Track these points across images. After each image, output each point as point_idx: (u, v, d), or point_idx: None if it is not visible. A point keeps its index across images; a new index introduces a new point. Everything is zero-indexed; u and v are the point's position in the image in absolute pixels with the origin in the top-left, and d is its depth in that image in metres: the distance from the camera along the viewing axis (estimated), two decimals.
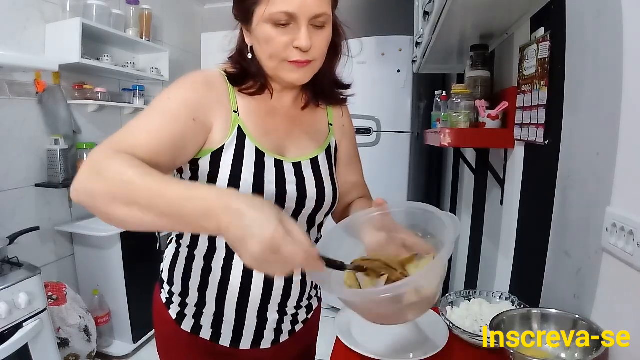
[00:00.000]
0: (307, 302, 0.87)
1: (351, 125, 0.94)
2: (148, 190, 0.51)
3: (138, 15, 2.48)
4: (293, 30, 0.67)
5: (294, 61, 0.69)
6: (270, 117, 0.79)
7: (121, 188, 0.52)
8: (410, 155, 2.57)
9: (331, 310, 2.71)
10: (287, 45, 0.68)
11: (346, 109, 0.93)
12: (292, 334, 0.85)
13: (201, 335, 0.79)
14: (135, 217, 0.52)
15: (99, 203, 0.53)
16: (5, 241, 1.61)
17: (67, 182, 2.03)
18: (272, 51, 0.69)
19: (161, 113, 0.65)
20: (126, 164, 0.54)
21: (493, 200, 1.46)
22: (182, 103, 0.67)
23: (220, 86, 0.74)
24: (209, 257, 0.76)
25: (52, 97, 2.02)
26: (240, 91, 0.76)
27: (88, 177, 0.54)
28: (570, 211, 0.85)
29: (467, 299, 0.96)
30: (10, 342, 1.39)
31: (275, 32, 0.67)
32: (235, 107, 0.74)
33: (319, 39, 0.70)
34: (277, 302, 0.79)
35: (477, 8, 1.09)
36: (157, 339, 0.88)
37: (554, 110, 0.93)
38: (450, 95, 1.41)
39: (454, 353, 0.80)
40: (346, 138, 0.91)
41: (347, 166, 0.91)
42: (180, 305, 0.80)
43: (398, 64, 2.49)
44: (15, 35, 1.87)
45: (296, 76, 0.72)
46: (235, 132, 0.73)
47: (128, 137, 0.61)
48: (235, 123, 0.73)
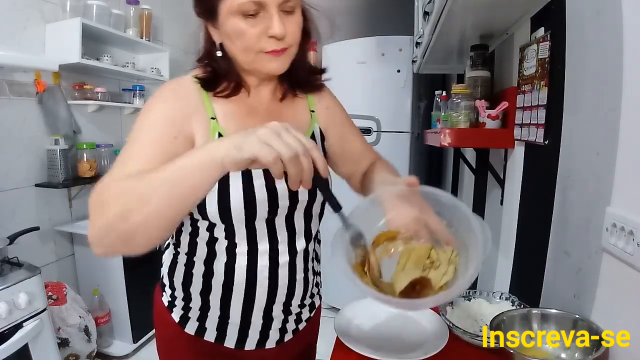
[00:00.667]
0: (310, 300, 0.87)
1: (336, 102, 0.91)
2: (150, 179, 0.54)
3: (138, 15, 2.47)
4: (264, 19, 0.65)
5: (270, 51, 0.67)
6: (250, 117, 0.77)
7: (127, 195, 0.54)
8: (410, 155, 2.57)
9: (331, 310, 2.71)
10: (260, 35, 0.66)
11: (327, 91, 0.90)
12: (296, 333, 0.85)
13: (206, 337, 0.79)
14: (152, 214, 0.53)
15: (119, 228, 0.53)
16: (5, 241, 1.61)
17: (67, 182, 2.03)
18: (246, 44, 0.67)
19: (143, 141, 0.65)
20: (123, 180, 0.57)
21: (493, 200, 1.46)
22: (162, 125, 0.66)
23: (194, 95, 0.72)
24: (209, 261, 0.75)
25: (52, 97, 2.02)
26: (215, 95, 0.74)
27: (96, 214, 0.55)
28: (570, 211, 0.85)
29: (467, 299, 0.96)
30: (10, 342, 1.39)
31: (246, 23, 0.65)
32: (212, 114, 0.72)
33: (291, 24, 0.68)
34: (282, 302, 0.79)
35: (477, 8, 1.09)
36: (158, 341, 0.87)
37: (554, 110, 0.93)
38: (450, 95, 1.41)
39: (454, 353, 0.80)
40: (334, 116, 0.88)
41: (345, 140, 0.89)
42: (184, 309, 0.79)
43: (398, 64, 2.49)
44: (15, 35, 1.86)
45: (274, 65, 0.70)
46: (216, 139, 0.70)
47: (117, 170, 0.61)
48: (214, 130, 0.71)
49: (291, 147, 0.50)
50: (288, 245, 0.77)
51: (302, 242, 0.80)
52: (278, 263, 0.76)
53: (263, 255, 0.75)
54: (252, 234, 0.74)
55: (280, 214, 0.75)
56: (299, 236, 0.79)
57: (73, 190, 2.22)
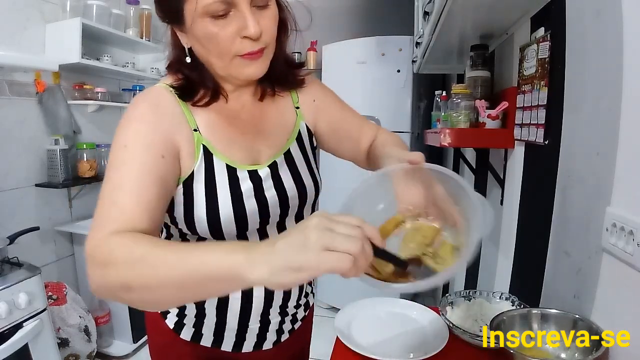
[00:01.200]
0: (305, 300, 0.86)
1: (323, 90, 0.86)
2: (161, 267, 0.47)
3: (138, 15, 2.48)
4: (235, 19, 0.59)
5: (247, 54, 0.62)
6: (233, 123, 0.72)
7: (133, 273, 0.47)
8: None
9: (331, 310, 2.71)
10: (234, 37, 0.60)
11: (312, 84, 0.84)
12: (292, 333, 0.85)
13: (202, 342, 0.77)
14: (155, 299, 0.49)
15: (122, 295, 0.49)
16: (5, 241, 1.61)
17: (67, 182, 2.03)
18: (219, 49, 0.61)
19: (130, 166, 0.58)
20: (128, 243, 0.50)
21: (493, 200, 1.46)
22: (143, 145, 0.59)
23: (171, 106, 0.66)
24: None
25: (52, 97, 2.02)
26: (193, 105, 0.68)
27: (96, 273, 0.50)
28: (570, 211, 0.85)
29: (467, 299, 0.96)
30: (10, 342, 1.39)
31: (216, 25, 0.59)
32: (194, 125, 0.67)
33: (265, 20, 0.62)
34: (278, 305, 0.78)
35: (477, 8, 1.09)
36: (151, 347, 0.84)
37: (554, 110, 0.93)
38: (450, 95, 1.41)
39: (454, 353, 0.80)
40: (323, 105, 0.84)
41: (338, 124, 0.84)
42: (178, 316, 0.77)
43: (398, 64, 2.49)
44: (15, 35, 1.86)
45: (251, 70, 0.64)
46: (201, 153, 0.66)
47: (112, 210, 0.54)
48: (199, 143, 0.66)
49: (353, 239, 0.42)
50: None
51: None
52: None
53: None
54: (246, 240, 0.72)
55: (272, 222, 0.73)
56: None
57: (73, 190, 2.22)
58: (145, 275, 0.47)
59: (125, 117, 0.63)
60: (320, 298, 2.76)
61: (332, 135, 0.85)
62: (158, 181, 0.58)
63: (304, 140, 0.80)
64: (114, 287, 0.49)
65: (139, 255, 0.48)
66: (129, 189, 0.56)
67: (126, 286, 0.48)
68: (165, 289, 0.47)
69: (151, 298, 0.49)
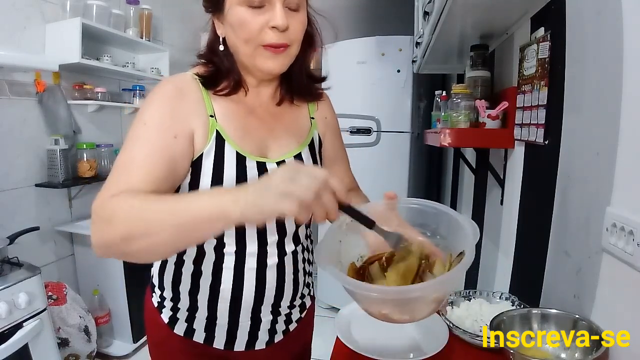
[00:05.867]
0: (300, 301, 0.85)
1: (334, 116, 0.92)
2: (160, 212, 0.54)
3: (138, 15, 2.47)
4: (267, 12, 0.66)
5: (270, 45, 0.67)
6: (249, 117, 0.76)
7: (135, 222, 0.54)
8: (410, 155, 2.57)
9: (331, 310, 2.71)
10: (262, 27, 0.66)
11: (327, 101, 0.91)
12: (286, 334, 0.84)
13: (194, 338, 0.78)
14: (153, 245, 0.54)
15: (122, 247, 0.55)
16: (5, 241, 1.61)
17: (67, 182, 2.03)
18: (248, 35, 0.67)
19: (145, 142, 0.64)
20: (130, 198, 0.56)
21: (493, 200, 1.46)
22: (160, 124, 0.65)
23: (193, 92, 0.71)
24: (198, 260, 0.74)
25: (52, 97, 2.02)
26: (215, 93, 0.73)
27: (100, 228, 0.56)
28: (570, 211, 0.85)
29: (467, 299, 0.96)
30: (10, 342, 1.39)
31: (250, 13, 0.66)
32: (211, 112, 0.72)
33: (294, 21, 0.68)
34: (270, 303, 0.78)
35: (477, 8, 1.09)
36: (149, 343, 0.86)
37: (554, 110, 0.93)
38: (450, 95, 1.41)
39: (454, 353, 0.80)
40: (330, 130, 0.89)
41: (333, 160, 0.90)
42: (172, 310, 0.79)
43: (398, 64, 2.49)
44: (15, 35, 1.86)
45: (272, 64, 0.70)
46: (213, 137, 0.70)
47: (122, 177, 0.60)
48: (213, 128, 0.71)
49: (310, 188, 0.49)
50: (277, 247, 0.77)
51: (291, 244, 0.79)
52: (266, 264, 0.75)
53: (251, 256, 0.74)
54: (242, 235, 0.74)
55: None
56: (289, 239, 0.79)
57: (73, 190, 2.22)
58: (145, 223, 0.53)
59: (150, 94, 0.70)
60: (320, 298, 2.76)
61: (327, 163, 0.89)
62: (167, 159, 0.64)
63: (315, 148, 0.84)
64: (115, 240, 0.55)
65: (139, 206, 0.55)
66: (140, 161, 0.62)
67: (127, 236, 0.54)
68: (163, 232, 0.53)
69: (150, 245, 0.54)
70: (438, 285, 0.57)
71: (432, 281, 0.58)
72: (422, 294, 0.57)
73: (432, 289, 0.57)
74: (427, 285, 0.58)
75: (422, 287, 0.58)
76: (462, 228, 0.61)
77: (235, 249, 0.73)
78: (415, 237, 0.66)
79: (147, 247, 0.55)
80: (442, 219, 0.66)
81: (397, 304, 0.59)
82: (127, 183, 0.59)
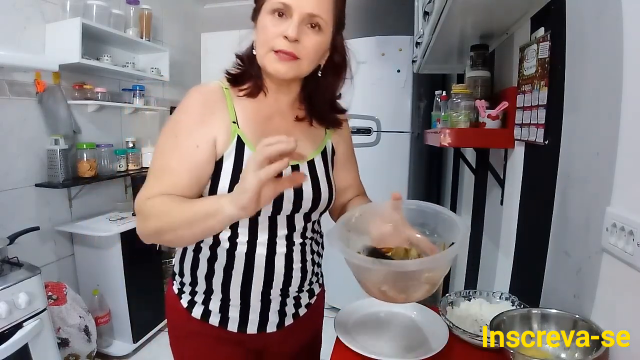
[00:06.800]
0: (309, 287, 0.89)
1: (348, 129, 0.97)
2: (178, 212, 0.69)
3: (138, 15, 2.48)
4: (286, 24, 0.71)
5: (279, 51, 0.72)
6: (268, 121, 0.82)
7: (162, 220, 0.70)
8: (410, 155, 2.57)
9: (331, 310, 2.71)
10: (278, 34, 0.72)
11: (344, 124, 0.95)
12: (296, 318, 0.88)
13: (210, 321, 0.83)
14: (179, 237, 0.70)
15: (156, 238, 0.73)
16: (5, 241, 1.61)
17: (67, 182, 2.03)
18: (264, 38, 0.73)
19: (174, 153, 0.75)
20: (159, 202, 0.71)
21: (493, 200, 1.46)
22: (187, 135, 0.75)
23: (218, 100, 0.78)
24: (214, 248, 0.81)
25: (52, 97, 2.02)
26: (239, 91, 0.80)
27: (141, 223, 0.73)
28: (570, 211, 0.85)
29: (467, 299, 0.96)
30: (10, 342, 1.39)
31: (272, 21, 0.72)
32: (234, 118, 0.78)
33: (309, 38, 0.73)
34: (279, 287, 0.82)
35: (477, 8, 1.09)
36: (169, 329, 0.92)
37: (554, 110, 0.93)
38: (450, 95, 1.41)
39: (454, 353, 0.80)
40: (343, 140, 0.95)
41: (344, 167, 0.95)
42: (191, 294, 0.85)
43: (398, 64, 2.49)
44: (15, 35, 1.86)
45: (277, 67, 0.74)
46: (234, 142, 0.76)
47: (156, 183, 0.74)
48: (234, 133, 0.77)
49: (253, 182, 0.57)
50: (286, 239, 0.82)
51: (299, 238, 0.84)
52: (275, 252, 0.81)
53: (261, 245, 0.80)
54: (254, 227, 0.79)
55: (283, 214, 0.80)
56: (297, 233, 0.83)
57: (73, 190, 2.22)
58: (169, 221, 0.69)
59: (180, 103, 0.78)
60: None
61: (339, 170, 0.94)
62: (193, 166, 0.74)
63: (327, 156, 0.89)
64: (151, 233, 0.72)
65: (166, 209, 0.70)
66: (170, 170, 0.74)
67: (159, 230, 0.70)
68: (182, 228, 0.68)
69: (175, 237, 0.70)
70: (430, 263, 0.66)
71: (426, 258, 0.68)
72: (417, 268, 0.66)
73: (425, 264, 0.66)
74: (422, 261, 0.67)
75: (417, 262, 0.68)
76: (455, 225, 0.71)
77: (247, 238, 0.79)
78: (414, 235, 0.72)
79: (174, 238, 0.71)
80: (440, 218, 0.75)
81: (395, 278, 0.66)
82: (159, 188, 0.73)
